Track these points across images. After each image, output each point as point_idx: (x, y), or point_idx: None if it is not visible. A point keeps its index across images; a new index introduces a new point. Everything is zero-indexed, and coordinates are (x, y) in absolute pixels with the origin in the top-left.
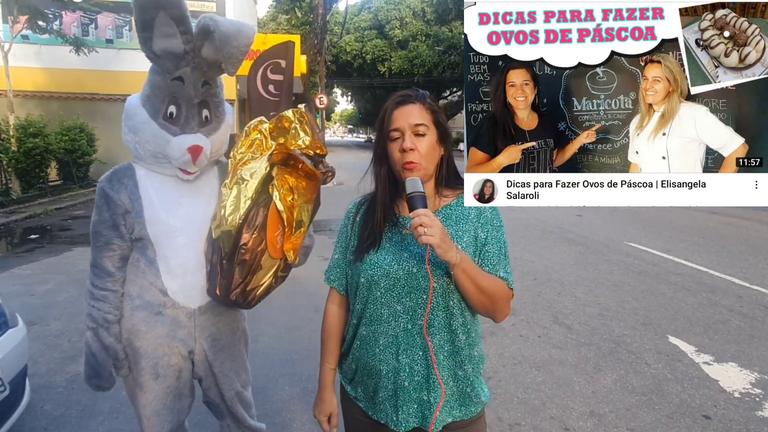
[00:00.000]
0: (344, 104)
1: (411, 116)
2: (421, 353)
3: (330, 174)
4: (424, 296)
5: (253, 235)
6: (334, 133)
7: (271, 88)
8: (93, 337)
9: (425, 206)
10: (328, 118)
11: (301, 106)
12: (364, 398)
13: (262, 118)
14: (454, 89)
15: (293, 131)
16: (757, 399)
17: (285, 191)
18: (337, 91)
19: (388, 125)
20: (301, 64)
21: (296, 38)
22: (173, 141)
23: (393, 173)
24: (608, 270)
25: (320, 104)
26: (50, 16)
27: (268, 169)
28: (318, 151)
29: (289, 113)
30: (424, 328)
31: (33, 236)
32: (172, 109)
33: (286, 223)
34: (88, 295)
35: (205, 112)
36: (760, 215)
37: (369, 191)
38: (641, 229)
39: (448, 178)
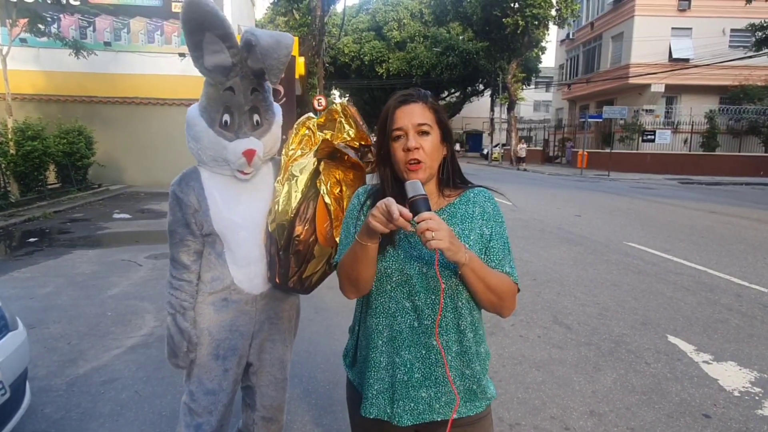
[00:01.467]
0: None
1: (414, 116)
2: (424, 352)
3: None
4: (434, 297)
5: (305, 227)
6: None
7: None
8: (172, 321)
9: (429, 209)
10: None
11: (343, 100)
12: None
13: (310, 114)
14: (453, 90)
15: (339, 125)
16: (757, 398)
17: (332, 184)
18: (336, 92)
19: (391, 125)
20: (299, 65)
21: (294, 40)
22: (229, 146)
23: (396, 173)
24: (607, 270)
25: (318, 106)
26: (49, 19)
27: (315, 164)
28: (363, 142)
29: (336, 107)
30: (436, 331)
31: (32, 239)
32: (226, 117)
33: (333, 215)
34: (168, 285)
35: (256, 117)
36: (759, 214)
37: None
38: (640, 228)
39: (451, 178)
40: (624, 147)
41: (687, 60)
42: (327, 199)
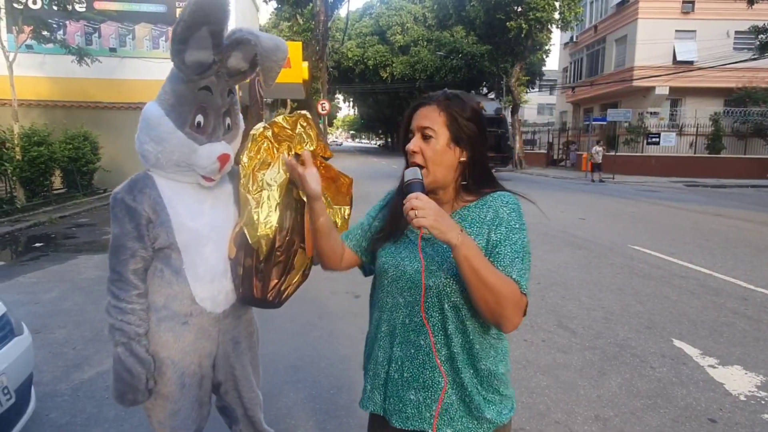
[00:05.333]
0: (346, 110)
1: (421, 118)
2: (413, 351)
3: None
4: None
5: (286, 238)
6: (336, 138)
7: (261, 92)
8: (125, 352)
9: (423, 192)
10: (330, 124)
11: (303, 111)
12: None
13: (265, 124)
14: None
15: (298, 136)
16: (763, 402)
17: None
18: (339, 97)
19: (406, 126)
20: (303, 70)
21: (298, 45)
22: (201, 150)
23: None
24: (612, 273)
25: (322, 110)
26: (54, 25)
27: (287, 173)
28: (323, 155)
29: (280, 119)
30: (423, 317)
31: (37, 244)
32: (200, 118)
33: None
34: (114, 310)
35: (228, 120)
36: (764, 217)
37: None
38: (644, 232)
39: (475, 184)
40: (629, 150)
41: (691, 62)
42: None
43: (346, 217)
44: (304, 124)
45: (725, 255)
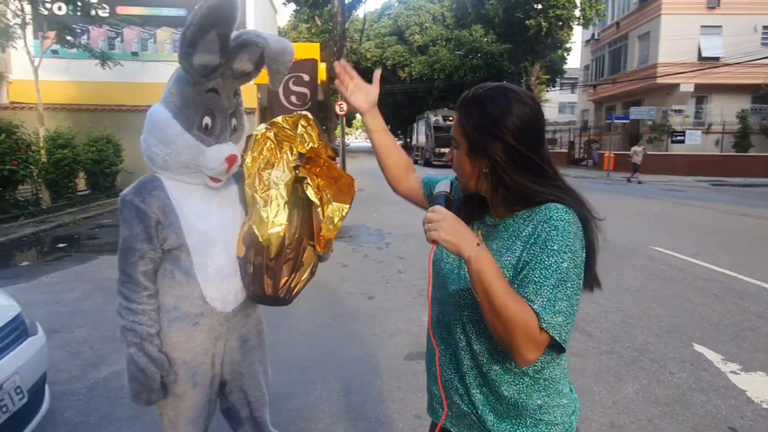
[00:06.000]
0: None
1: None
2: (443, 348)
3: None
4: (456, 297)
5: (295, 235)
6: (356, 138)
7: (293, 98)
8: (138, 352)
9: (446, 205)
10: (350, 125)
11: (304, 111)
12: None
13: (266, 125)
14: None
15: (300, 136)
16: None
17: (315, 189)
18: None
19: None
20: (320, 71)
21: (316, 46)
22: (208, 151)
23: None
24: (632, 275)
25: (340, 111)
26: (78, 31)
27: (293, 173)
28: (326, 154)
29: (279, 119)
30: (430, 332)
31: (61, 245)
32: (207, 120)
33: (322, 218)
34: (125, 311)
35: (234, 122)
36: None
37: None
38: (667, 232)
39: (506, 198)
40: (652, 148)
41: (717, 58)
42: (315, 201)
43: (344, 214)
44: (305, 124)
45: (751, 256)
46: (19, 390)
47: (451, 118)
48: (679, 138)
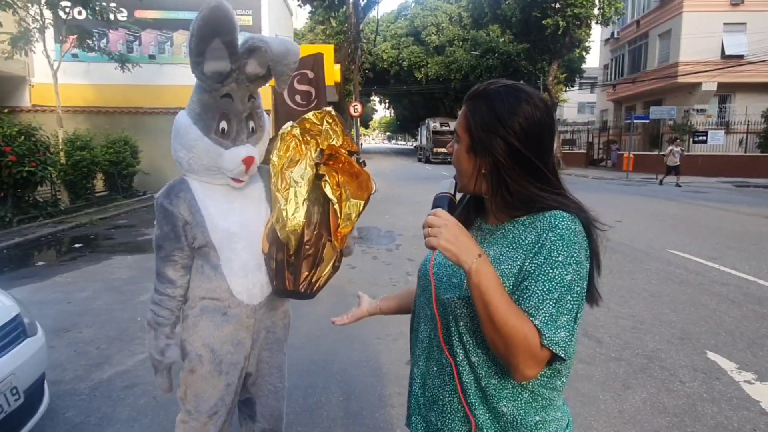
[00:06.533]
0: (382, 111)
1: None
2: (435, 369)
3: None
4: (451, 309)
5: (314, 232)
6: (373, 140)
7: (297, 98)
8: (152, 336)
9: (448, 208)
10: (366, 126)
11: (328, 108)
12: None
13: (294, 123)
14: None
15: (325, 132)
16: None
17: (334, 186)
18: (375, 99)
19: None
20: (334, 73)
21: (330, 48)
22: (226, 154)
23: None
24: (646, 279)
25: (354, 112)
26: (96, 34)
27: (314, 170)
28: (350, 149)
29: (310, 116)
30: (441, 339)
31: (77, 245)
32: (223, 124)
33: (339, 214)
34: (152, 300)
35: (252, 124)
36: None
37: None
38: (686, 235)
39: (506, 202)
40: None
41: (741, 56)
42: (332, 197)
43: (361, 210)
44: (330, 120)
45: None
46: (15, 391)
47: (446, 125)
48: (701, 138)
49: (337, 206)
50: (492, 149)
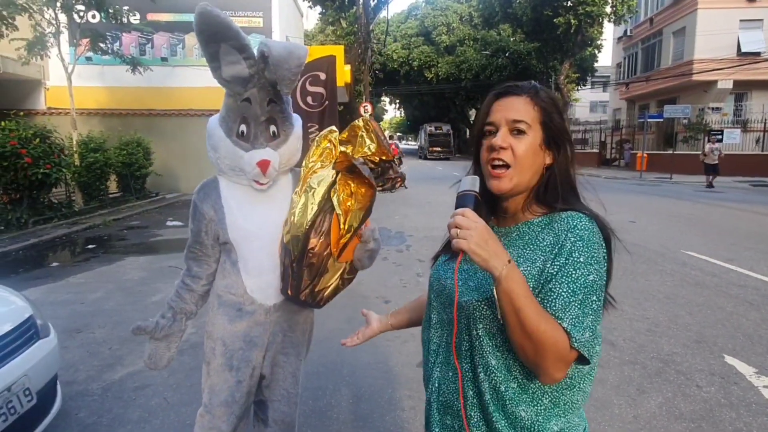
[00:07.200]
0: (392, 112)
1: (510, 110)
2: (450, 374)
3: (399, 179)
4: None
5: (321, 240)
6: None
7: (309, 99)
8: (162, 312)
9: (475, 206)
10: None
11: (366, 114)
12: None
13: (333, 127)
14: None
15: (360, 139)
16: None
17: (345, 196)
18: (386, 99)
19: (484, 118)
20: (345, 73)
21: (340, 49)
22: (245, 156)
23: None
24: (661, 281)
25: (365, 112)
26: (109, 37)
27: (333, 177)
28: (384, 157)
29: (359, 122)
30: (453, 346)
31: (90, 246)
32: (243, 127)
33: (342, 227)
34: (177, 283)
35: (273, 128)
36: None
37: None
38: (702, 235)
39: (550, 194)
40: (688, 148)
41: (758, 53)
42: (338, 210)
43: (361, 221)
44: (366, 127)
45: None
46: (27, 392)
47: (440, 128)
48: (716, 137)
49: (342, 217)
50: (565, 140)
